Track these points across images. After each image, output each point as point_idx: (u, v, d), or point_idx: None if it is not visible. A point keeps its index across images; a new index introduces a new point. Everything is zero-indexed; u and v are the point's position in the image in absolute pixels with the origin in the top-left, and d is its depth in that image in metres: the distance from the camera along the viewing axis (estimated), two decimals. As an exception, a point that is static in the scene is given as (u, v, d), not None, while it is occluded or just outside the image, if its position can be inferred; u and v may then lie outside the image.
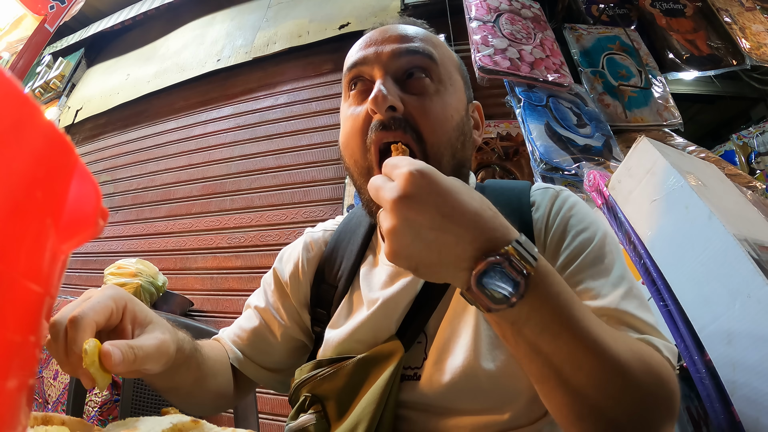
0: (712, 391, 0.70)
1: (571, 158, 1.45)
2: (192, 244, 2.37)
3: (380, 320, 0.59)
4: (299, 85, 2.56)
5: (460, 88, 0.61)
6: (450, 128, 0.56)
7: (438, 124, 0.55)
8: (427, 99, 0.55)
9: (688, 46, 1.97)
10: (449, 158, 0.56)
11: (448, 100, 0.57)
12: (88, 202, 0.21)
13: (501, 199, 0.61)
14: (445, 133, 0.55)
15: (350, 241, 0.69)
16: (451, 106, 0.57)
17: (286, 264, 0.73)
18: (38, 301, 0.18)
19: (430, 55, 0.57)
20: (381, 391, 0.53)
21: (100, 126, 3.27)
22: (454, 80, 0.60)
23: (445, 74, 0.58)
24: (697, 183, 0.84)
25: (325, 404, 0.57)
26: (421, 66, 0.56)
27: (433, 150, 0.54)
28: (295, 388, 0.60)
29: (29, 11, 1.69)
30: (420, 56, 0.56)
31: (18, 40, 1.81)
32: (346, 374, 0.56)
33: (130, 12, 3.46)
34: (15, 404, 0.17)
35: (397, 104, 0.53)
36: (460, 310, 0.56)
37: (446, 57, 0.61)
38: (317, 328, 0.67)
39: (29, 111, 0.17)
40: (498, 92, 1.90)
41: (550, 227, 0.57)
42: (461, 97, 0.60)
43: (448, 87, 0.58)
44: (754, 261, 0.68)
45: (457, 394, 0.52)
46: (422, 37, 0.59)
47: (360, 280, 0.65)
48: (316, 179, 2.19)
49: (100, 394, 1.54)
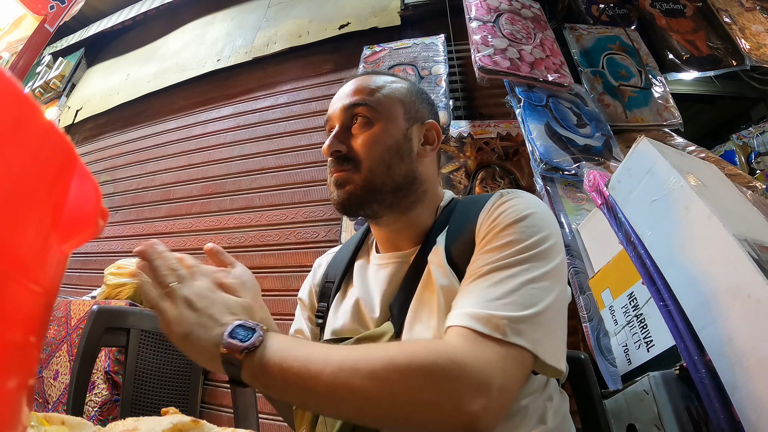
0: (712, 391, 0.70)
1: (571, 158, 1.45)
2: (192, 244, 2.37)
3: (363, 308, 0.72)
4: (299, 85, 2.56)
5: (397, 116, 0.74)
6: (382, 149, 0.71)
7: (370, 147, 0.70)
8: (362, 134, 0.72)
9: (687, 47, 1.98)
10: (383, 171, 0.70)
11: (381, 128, 0.72)
12: (88, 202, 0.21)
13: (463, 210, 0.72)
14: (377, 153, 0.70)
15: (349, 246, 0.85)
16: (384, 133, 0.72)
17: (305, 286, 0.88)
18: (38, 301, 0.18)
19: (365, 103, 0.73)
20: None
21: (100, 126, 3.27)
22: (392, 113, 0.74)
23: (380, 111, 0.73)
24: (697, 183, 0.84)
25: None
26: (357, 114, 0.73)
27: (366, 165, 0.70)
28: None
29: (29, 11, 1.69)
30: (356, 107, 0.73)
31: (18, 40, 1.81)
32: None
33: (130, 12, 3.46)
34: (15, 404, 0.17)
35: (340, 147, 0.71)
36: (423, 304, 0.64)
37: (387, 97, 0.75)
38: (320, 320, 0.78)
39: (29, 111, 0.17)
40: (498, 92, 1.90)
41: (482, 223, 0.65)
42: (397, 123, 0.74)
43: (382, 120, 0.73)
44: (754, 261, 0.68)
45: None
46: (365, 89, 0.75)
47: (354, 275, 0.79)
48: (316, 179, 2.19)
49: (100, 394, 1.54)
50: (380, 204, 0.71)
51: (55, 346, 1.68)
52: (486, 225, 0.64)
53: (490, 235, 0.62)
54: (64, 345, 1.66)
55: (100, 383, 1.55)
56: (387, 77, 0.79)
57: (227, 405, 1.85)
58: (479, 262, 0.59)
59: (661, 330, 0.89)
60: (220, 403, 1.89)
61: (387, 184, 0.70)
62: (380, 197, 0.71)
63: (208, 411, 1.89)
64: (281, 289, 2.00)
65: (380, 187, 0.70)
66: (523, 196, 0.68)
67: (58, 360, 1.65)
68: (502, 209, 0.64)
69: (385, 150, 0.71)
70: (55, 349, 1.67)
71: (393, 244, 0.75)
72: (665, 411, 0.79)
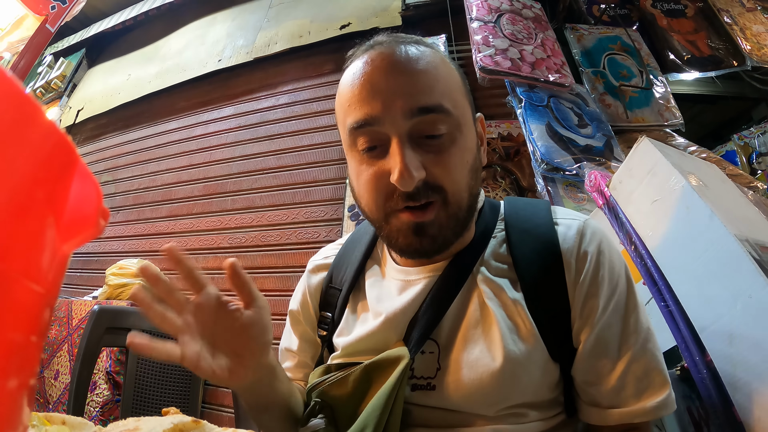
0: (713, 391, 0.70)
1: (572, 158, 1.45)
2: (193, 245, 2.37)
3: (388, 330, 0.60)
4: (300, 85, 2.56)
5: (470, 119, 0.60)
6: (466, 172, 0.57)
7: (457, 174, 0.56)
8: (445, 155, 0.55)
9: (688, 47, 1.97)
10: (467, 197, 0.57)
11: (463, 144, 0.57)
12: (89, 202, 0.21)
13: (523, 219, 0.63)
14: (463, 179, 0.57)
15: (355, 249, 0.72)
16: (466, 150, 0.57)
17: (294, 297, 0.78)
18: (39, 301, 0.18)
19: (447, 110, 0.55)
20: (387, 395, 0.54)
21: (101, 126, 3.27)
22: (465, 114, 0.58)
23: (458, 116, 0.56)
24: (699, 183, 0.84)
25: (334, 409, 0.59)
26: (437, 124, 0.54)
27: (454, 198, 0.56)
28: (307, 391, 0.63)
29: (30, 11, 1.70)
30: (436, 115, 0.54)
31: (19, 40, 1.82)
32: (354, 380, 0.58)
33: (132, 12, 3.46)
34: (16, 404, 0.17)
35: (421, 176, 0.53)
36: (474, 323, 0.58)
37: (454, 88, 0.58)
38: (322, 332, 0.70)
39: (30, 111, 0.17)
40: (499, 92, 1.90)
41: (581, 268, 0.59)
42: (471, 130, 0.60)
43: (462, 129, 0.57)
44: (755, 261, 0.68)
45: (473, 400, 0.55)
46: (433, 78, 0.56)
47: (366, 288, 0.67)
48: (317, 179, 2.19)
49: (101, 394, 1.54)
50: (458, 236, 0.59)
51: (56, 346, 1.68)
52: (587, 283, 0.58)
53: (602, 304, 0.57)
54: (65, 345, 1.67)
55: (102, 383, 1.55)
56: (433, 54, 0.59)
57: (228, 405, 1.85)
58: (608, 338, 0.57)
59: (662, 330, 0.89)
60: (221, 403, 1.89)
61: (470, 212, 0.59)
62: (462, 231, 0.59)
63: (209, 411, 1.89)
64: (282, 289, 2.00)
65: (464, 219, 0.58)
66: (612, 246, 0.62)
67: (59, 360, 1.65)
68: (606, 270, 0.59)
69: (468, 172, 0.57)
70: (56, 349, 1.68)
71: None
72: (666, 412, 0.79)
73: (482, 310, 0.58)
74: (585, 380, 0.58)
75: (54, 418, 0.33)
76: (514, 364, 0.54)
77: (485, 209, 0.66)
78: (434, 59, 0.58)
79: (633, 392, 0.56)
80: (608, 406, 0.56)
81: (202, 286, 0.51)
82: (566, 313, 0.58)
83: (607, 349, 0.56)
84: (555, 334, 0.57)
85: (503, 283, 0.59)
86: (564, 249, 0.59)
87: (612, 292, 0.58)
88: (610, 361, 0.56)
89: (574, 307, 0.58)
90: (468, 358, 0.56)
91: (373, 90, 0.55)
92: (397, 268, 0.66)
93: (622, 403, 0.56)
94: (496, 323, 0.56)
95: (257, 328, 0.51)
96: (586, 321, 0.57)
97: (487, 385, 0.54)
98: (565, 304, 0.58)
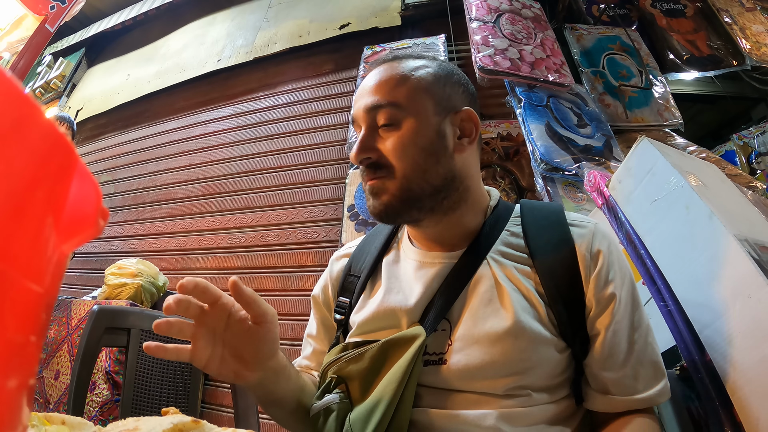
0: (713, 391, 0.70)
1: (572, 158, 1.45)
2: (193, 244, 2.37)
3: (402, 307, 0.66)
4: (300, 85, 2.56)
5: (427, 110, 0.68)
6: (415, 152, 0.66)
7: (401, 152, 0.66)
8: (390, 137, 0.67)
9: (688, 47, 1.97)
10: (419, 175, 0.66)
11: (411, 128, 0.66)
12: (88, 202, 0.21)
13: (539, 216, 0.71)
14: (410, 157, 0.65)
15: (375, 241, 0.80)
16: (414, 133, 0.66)
17: (318, 284, 0.84)
18: (38, 301, 0.18)
19: (387, 104, 0.67)
20: (403, 370, 0.59)
21: (100, 126, 3.27)
22: (419, 108, 0.68)
23: (408, 110, 0.67)
24: (698, 183, 0.84)
25: (349, 384, 0.64)
26: (384, 116, 0.67)
27: (400, 172, 0.65)
28: (322, 371, 0.68)
29: (30, 11, 1.69)
30: (382, 109, 0.67)
31: (18, 40, 1.81)
32: (371, 357, 0.63)
33: (131, 12, 3.46)
34: (16, 404, 0.17)
35: (369, 154, 0.67)
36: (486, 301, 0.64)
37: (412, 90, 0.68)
38: (339, 316, 0.75)
39: (30, 111, 0.17)
40: (498, 92, 1.90)
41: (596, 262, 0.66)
42: (428, 119, 0.68)
43: (412, 118, 0.67)
44: (754, 261, 0.68)
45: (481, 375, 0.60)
46: (386, 85, 0.68)
47: (383, 272, 0.74)
48: (316, 179, 2.19)
49: (100, 394, 1.54)
50: (420, 210, 0.67)
51: (56, 346, 1.68)
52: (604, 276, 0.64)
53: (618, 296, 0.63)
54: (65, 345, 1.66)
55: (101, 383, 1.55)
56: (411, 63, 0.71)
57: (228, 405, 1.85)
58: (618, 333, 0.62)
59: (661, 330, 0.89)
60: (220, 403, 1.89)
61: (425, 189, 0.66)
62: (419, 203, 0.67)
63: (209, 411, 1.89)
64: (281, 289, 2.00)
65: (418, 193, 0.66)
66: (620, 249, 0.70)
67: (58, 360, 1.65)
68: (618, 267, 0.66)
69: (418, 152, 0.66)
70: (56, 349, 1.68)
71: (438, 243, 0.72)
72: (666, 411, 0.79)
73: (497, 289, 0.64)
74: (602, 367, 0.62)
75: (53, 418, 0.33)
76: (525, 338, 0.59)
77: (499, 206, 0.74)
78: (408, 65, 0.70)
79: (642, 380, 0.62)
80: (618, 393, 0.61)
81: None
82: (580, 302, 0.63)
83: (622, 340, 0.62)
84: (570, 319, 0.62)
85: (518, 268, 0.66)
86: (578, 244, 0.66)
87: (623, 287, 0.64)
88: (624, 351, 0.62)
89: (590, 297, 0.64)
90: (479, 332, 0.61)
91: (357, 94, 0.72)
92: (414, 250, 0.73)
93: (632, 390, 0.61)
94: (509, 299, 0.62)
95: (264, 340, 0.56)
96: (603, 310, 0.63)
97: (498, 355, 0.59)
98: (580, 293, 0.64)
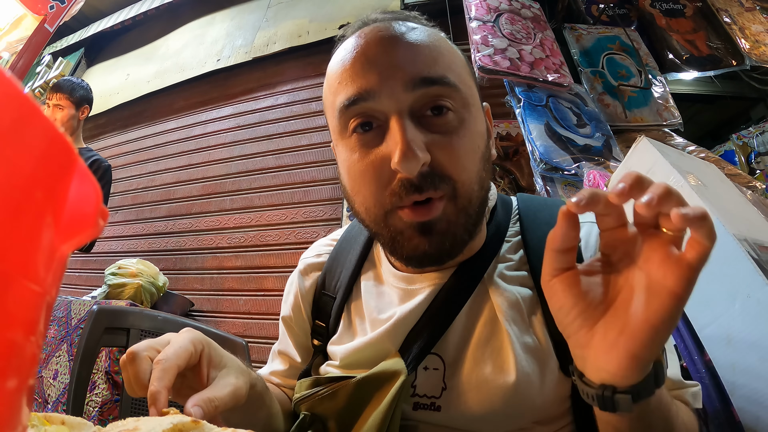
0: (712, 391, 0.70)
1: (571, 158, 1.45)
2: (192, 244, 2.37)
3: (386, 342, 0.55)
4: (299, 85, 2.56)
5: (478, 101, 0.53)
6: (477, 160, 0.49)
7: (467, 161, 0.48)
8: (453, 136, 0.47)
9: (687, 47, 1.97)
10: (477, 189, 0.49)
11: (472, 126, 0.49)
12: (88, 202, 0.21)
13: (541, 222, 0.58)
14: (474, 168, 0.48)
15: (350, 251, 0.65)
16: (476, 134, 0.49)
17: (286, 300, 0.71)
18: (38, 301, 0.18)
19: (454, 84, 0.47)
20: (382, 416, 0.50)
21: (99, 126, 3.27)
22: (473, 94, 0.51)
23: (465, 94, 0.49)
24: (697, 183, 0.84)
25: (326, 424, 0.55)
26: (443, 98, 0.47)
27: (464, 189, 0.48)
28: (294, 402, 0.58)
29: (29, 11, 1.69)
30: (441, 87, 0.46)
31: (18, 40, 1.81)
32: (347, 395, 0.53)
33: (130, 12, 3.46)
34: (15, 404, 0.17)
35: (426, 159, 0.44)
36: (484, 340, 0.52)
37: (459, 65, 0.51)
38: (316, 341, 0.65)
39: (29, 111, 0.17)
40: (498, 92, 1.90)
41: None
42: (480, 113, 0.52)
43: (471, 110, 0.49)
44: (754, 261, 0.68)
45: (481, 421, 0.51)
46: (435, 50, 0.48)
47: (362, 295, 0.61)
48: (316, 179, 2.19)
49: (100, 394, 1.54)
50: (471, 237, 0.51)
51: (55, 346, 1.68)
52: None
53: None
54: (64, 345, 1.66)
55: (101, 383, 1.55)
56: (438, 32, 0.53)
57: (227, 405, 1.85)
58: None
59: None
60: (220, 403, 1.89)
61: (480, 213, 0.51)
62: (473, 230, 0.51)
63: (208, 411, 1.89)
64: (281, 289, 1.99)
65: (475, 218, 0.50)
66: None
67: (57, 360, 1.65)
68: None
69: (479, 160, 0.49)
70: (55, 349, 1.67)
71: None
72: (665, 411, 0.79)
73: (493, 325, 0.52)
74: None
75: (53, 418, 0.33)
76: (528, 385, 0.50)
77: (498, 207, 0.59)
78: (437, 34, 0.52)
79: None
80: None
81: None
82: None
83: None
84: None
85: (518, 293, 0.53)
86: (586, 257, 0.54)
87: None
88: None
89: None
90: (477, 379, 0.51)
91: (368, 62, 0.47)
92: (397, 275, 0.59)
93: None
94: (508, 340, 0.51)
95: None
96: None
97: (498, 407, 0.50)
98: None
